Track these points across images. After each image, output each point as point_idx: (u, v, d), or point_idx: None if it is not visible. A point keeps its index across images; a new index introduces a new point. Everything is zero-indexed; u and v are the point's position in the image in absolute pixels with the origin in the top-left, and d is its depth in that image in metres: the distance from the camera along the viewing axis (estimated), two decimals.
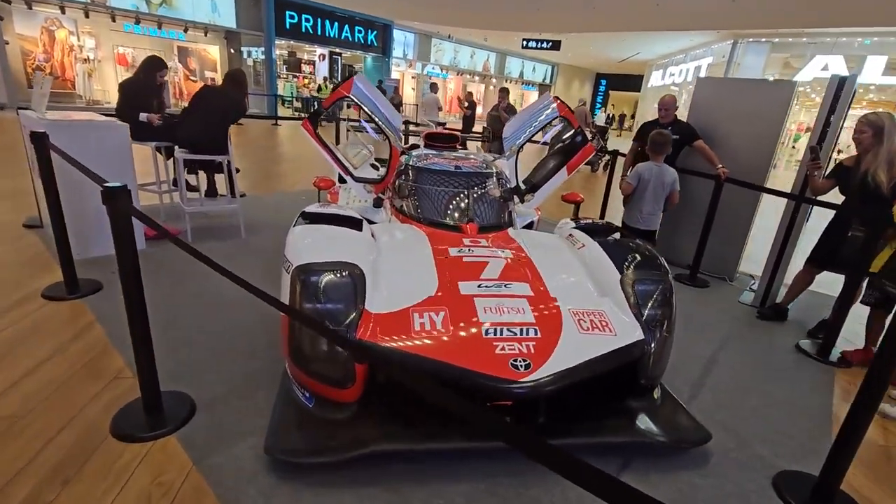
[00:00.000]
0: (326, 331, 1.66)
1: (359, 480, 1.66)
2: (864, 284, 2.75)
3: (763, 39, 15.30)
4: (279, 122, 13.72)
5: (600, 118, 16.05)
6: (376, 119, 3.00)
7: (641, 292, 2.06)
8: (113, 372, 2.15)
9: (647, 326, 1.96)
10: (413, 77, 21.90)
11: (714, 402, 2.35)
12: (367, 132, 5.30)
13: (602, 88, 32.72)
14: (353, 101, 2.96)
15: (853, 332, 3.12)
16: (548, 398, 1.80)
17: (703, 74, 18.02)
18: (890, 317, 2.23)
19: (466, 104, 10.75)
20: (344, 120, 6.13)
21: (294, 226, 2.14)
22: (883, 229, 2.59)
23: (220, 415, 1.93)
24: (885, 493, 1.88)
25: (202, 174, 4.46)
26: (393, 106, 3.20)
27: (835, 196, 3.11)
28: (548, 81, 29.39)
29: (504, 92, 7.18)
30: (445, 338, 1.75)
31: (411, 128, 8.33)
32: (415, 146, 3.63)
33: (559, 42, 18.29)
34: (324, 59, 21.59)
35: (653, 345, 1.93)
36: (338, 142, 6.36)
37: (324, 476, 1.65)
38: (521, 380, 1.64)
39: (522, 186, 3.22)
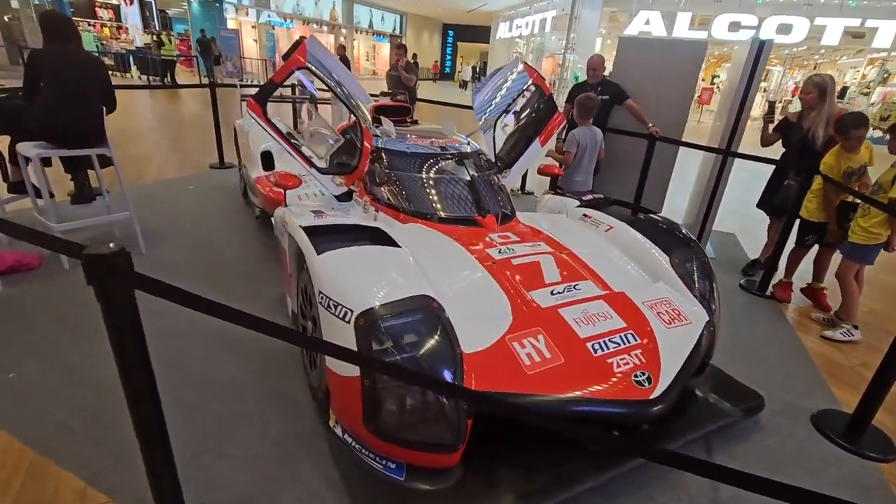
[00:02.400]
0: (457, 390, 1.30)
1: None
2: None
3: None
4: None
5: (467, 72, 16.09)
6: (339, 93, 2.43)
7: (689, 270, 2.05)
8: (74, 499, 1.46)
9: (705, 304, 1.96)
10: (253, 27, 19.18)
11: (726, 355, 2.53)
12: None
13: (450, 40, 32.84)
14: (310, 71, 2.34)
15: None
16: None
17: (548, 28, 19.12)
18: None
19: (338, 59, 9.72)
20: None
21: (317, 253, 1.62)
22: (811, 178, 2.98)
23: None
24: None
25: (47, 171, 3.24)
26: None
27: (756, 149, 3.52)
28: (398, 32, 28.39)
29: (401, 49, 6.53)
30: (561, 367, 1.52)
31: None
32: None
33: None
34: (131, 2, 17.62)
35: (713, 321, 1.95)
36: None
37: None
38: (652, 395, 1.51)
39: (497, 164, 2.99)
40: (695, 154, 4.31)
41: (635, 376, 1.55)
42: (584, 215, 2.47)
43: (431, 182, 2.44)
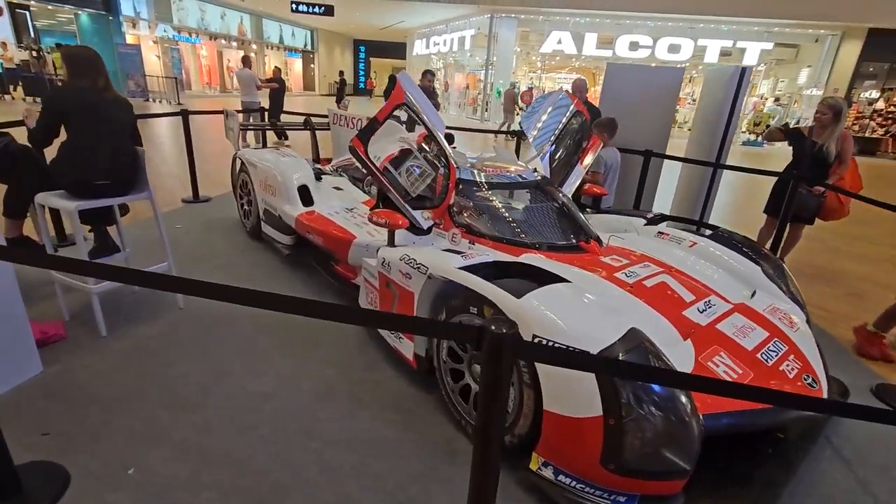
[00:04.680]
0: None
1: None
2: None
3: (513, 15, 17.66)
4: None
5: None
6: (432, 129, 2.39)
7: (776, 276, 2.31)
8: None
9: (798, 304, 2.23)
10: (154, 42, 17.55)
11: None
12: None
13: (362, 55, 32.69)
14: (408, 108, 2.28)
15: None
16: None
17: (467, 46, 19.85)
18: None
19: (272, 79, 9.09)
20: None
21: (517, 297, 1.60)
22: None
23: None
24: None
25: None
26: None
27: (746, 160, 4.00)
28: (309, 48, 27.69)
29: (429, 75, 6.22)
30: (755, 381, 1.65)
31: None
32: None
33: (332, 7, 17.24)
34: (0, 13, 15.29)
35: (808, 318, 2.21)
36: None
37: None
38: (824, 395, 1.70)
39: None
40: (671, 166, 4.78)
41: (804, 379, 1.73)
42: (660, 233, 2.66)
43: (527, 211, 2.49)
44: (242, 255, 3.58)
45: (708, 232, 2.67)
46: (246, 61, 8.07)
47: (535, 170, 2.84)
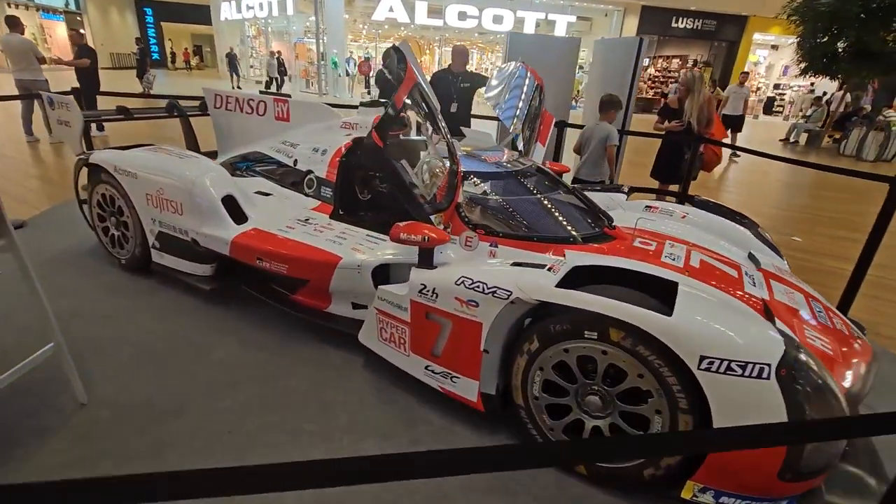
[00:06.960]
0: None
1: None
2: None
3: None
4: None
5: (273, 67, 13.82)
6: (438, 118, 1.90)
7: (760, 235, 2.50)
8: None
9: (782, 258, 2.44)
10: None
11: None
12: None
13: (150, 19, 27.21)
14: (417, 92, 1.75)
15: None
16: None
17: (290, 11, 17.94)
18: None
19: (80, 50, 6.60)
20: None
21: (668, 315, 1.34)
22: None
23: None
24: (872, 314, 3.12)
25: None
26: None
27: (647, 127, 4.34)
28: (73, 7, 21.90)
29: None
30: (837, 345, 1.70)
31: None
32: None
33: None
34: None
35: None
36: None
37: None
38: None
39: None
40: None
41: (854, 333, 1.87)
42: (648, 206, 2.65)
43: (542, 201, 2.21)
44: (134, 300, 2.56)
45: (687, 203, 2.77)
46: (14, 23, 5.80)
47: (520, 153, 2.57)
